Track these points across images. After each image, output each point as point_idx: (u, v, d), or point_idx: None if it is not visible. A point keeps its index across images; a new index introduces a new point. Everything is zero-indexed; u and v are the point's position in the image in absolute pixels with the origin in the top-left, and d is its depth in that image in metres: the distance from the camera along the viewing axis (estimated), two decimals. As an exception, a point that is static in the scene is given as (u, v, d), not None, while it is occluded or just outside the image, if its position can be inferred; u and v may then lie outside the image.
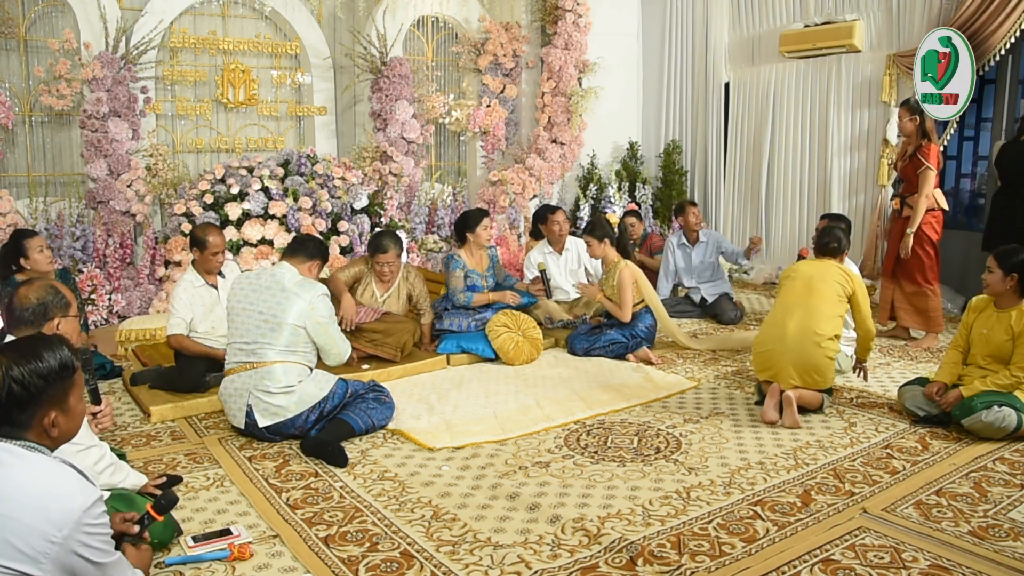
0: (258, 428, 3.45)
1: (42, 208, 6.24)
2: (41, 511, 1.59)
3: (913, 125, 5.20)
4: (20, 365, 1.72)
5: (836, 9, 7.03)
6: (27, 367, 1.72)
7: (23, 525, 1.58)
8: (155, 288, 6.14)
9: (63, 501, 1.62)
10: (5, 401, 1.71)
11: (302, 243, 3.75)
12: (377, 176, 7.27)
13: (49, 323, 2.57)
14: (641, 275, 5.01)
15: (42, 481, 1.64)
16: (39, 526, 1.58)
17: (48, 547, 1.58)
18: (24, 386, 1.71)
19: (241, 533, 2.61)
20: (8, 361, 1.72)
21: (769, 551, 2.51)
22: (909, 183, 5.29)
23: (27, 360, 1.74)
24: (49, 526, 1.59)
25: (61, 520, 1.60)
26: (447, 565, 2.44)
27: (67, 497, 1.63)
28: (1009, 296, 3.58)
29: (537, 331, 5.00)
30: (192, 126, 7.10)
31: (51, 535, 1.59)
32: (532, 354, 4.92)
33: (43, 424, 1.75)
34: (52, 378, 1.75)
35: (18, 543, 1.57)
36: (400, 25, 7.57)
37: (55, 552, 1.59)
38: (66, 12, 6.31)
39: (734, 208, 8.13)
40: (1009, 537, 2.59)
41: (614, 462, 3.28)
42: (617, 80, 8.30)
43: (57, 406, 1.78)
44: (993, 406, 3.42)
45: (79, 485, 1.68)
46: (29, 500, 1.60)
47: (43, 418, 1.75)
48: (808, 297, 3.83)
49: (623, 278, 4.88)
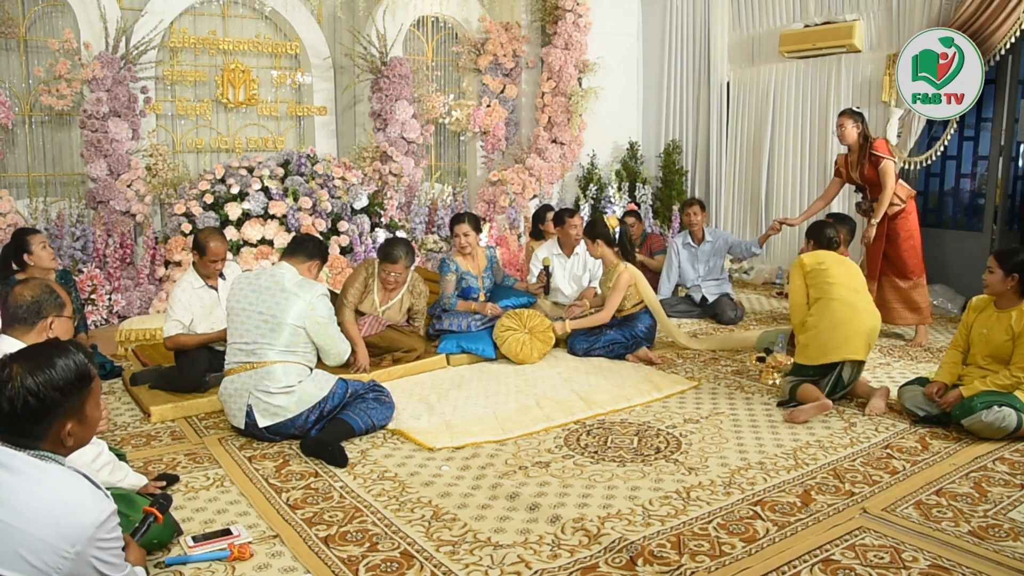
0: (258, 428, 3.45)
1: (42, 208, 6.24)
2: (54, 526, 1.55)
3: (857, 131, 5.24)
4: (35, 376, 1.65)
5: (836, 9, 7.03)
6: (42, 377, 1.65)
7: (36, 539, 1.54)
8: (155, 288, 6.14)
9: (77, 516, 1.58)
10: (20, 413, 1.64)
11: (301, 243, 3.74)
12: (377, 176, 7.27)
13: (43, 321, 2.57)
14: (640, 277, 5.00)
15: (56, 494, 1.58)
16: (52, 541, 1.54)
17: (61, 563, 1.55)
18: (40, 399, 1.64)
19: (241, 533, 2.61)
20: (23, 371, 1.65)
21: (769, 551, 2.51)
22: (874, 188, 5.28)
23: (41, 370, 1.66)
24: (62, 541, 1.55)
25: (75, 536, 1.56)
26: (447, 565, 2.44)
27: (81, 511, 1.59)
28: (1009, 296, 3.58)
29: (544, 322, 4.92)
30: (192, 126, 7.10)
31: (64, 551, 1.55)
32: (543, 349, 4.89)
33: (59, 435, 1.69)
34: (69, 390, 1.69)
35: (30, 557, 1.53)
36: (400, 25, 7.57)
37: (67, 567, 1.55)
38: (66, 12, 6.31)
39: (734, 208, 8.12)
40: (1009, 537, 2.59)
41: (614, 462, 3.28)
42: (617, 80, 8.29)
43: (74, 416, 1.71)
44: (993, 406, 3.42)
45: (93, 499, 1.63)
46: (42, 514, 1.55)
47: (60, 430, 1.69)
48: (853, 278, 4.06)
49: (620, 282, 4.88)
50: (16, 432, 1.66)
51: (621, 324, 4.98)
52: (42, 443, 1.68)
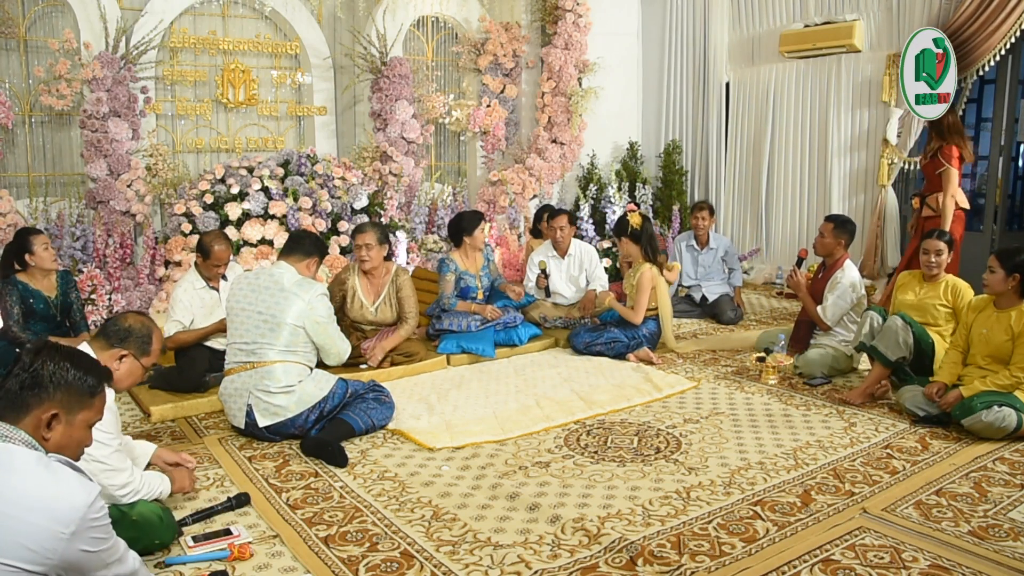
0: (258, 428, 3.45)
1: (42, 208, 6.24)
2: (47, 511, 1.63)
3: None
4: (55, 362, 1.79)
5: (836, 9, 7.03)
6: (61, 364, 1.80)
7: (31, 525, 1.61)
8: (155, 288, 6.13)
9: (67, 499, 1.66)
10: (27, 382, 1.76)
11: (298, 241, 3.72)
12: (377, 176, 7.27)
13: (119, 350, 2.60)
14: (662, 282, 4.95)
15: (44, 481, 1.67)
16: (47, 525, 1.62)
17: (57, 544, 1.63)
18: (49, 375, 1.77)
19: (241, 533, 2.61)
20: (52, 353, 1.80)
21: (769, 551, 2.51)
22: (929, 182, 5.38)
23: (67, 359, 1.81)
24: (57, 524, 1.63)
25: (68, 518, 1.64)
26: (447, 565, 2.44)
27: (70, 495, 1.67)
28: (1009, 296, 3.58)
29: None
30: (192, 126, 7.10)
31: (60, 533, 1.63)
32: None
33: (40, 418, 1.76)
34: (74, 383, 1.80)
35: (27, 542, 1.61)
36: (400, 25, 7.57)
37: (62, 548, 1.64)
38: (66, 12, 6.31)
39: (734, 208, 8.13)
40: (1009, 537, 2.59)
41: (614, 462, 3.28)
42: (617, 80, 8.29)
43: (64, 409, 1.80)
44: (993, 406, 3.42)
45: (79, 482, 1.71)
46: (35, 500, 1.63)
47: (44, 412, 1.77)
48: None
49: (643, 280, 4.86)
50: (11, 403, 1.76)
51: (625, 324, 4.97)
52: (25, 419, 1.75)
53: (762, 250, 7.89)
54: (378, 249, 4.56)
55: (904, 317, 4.02)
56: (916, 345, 3.98)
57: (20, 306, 4.22)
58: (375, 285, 4.68)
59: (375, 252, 4.54)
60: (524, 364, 4.86)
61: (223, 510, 2.80)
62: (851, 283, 4.54)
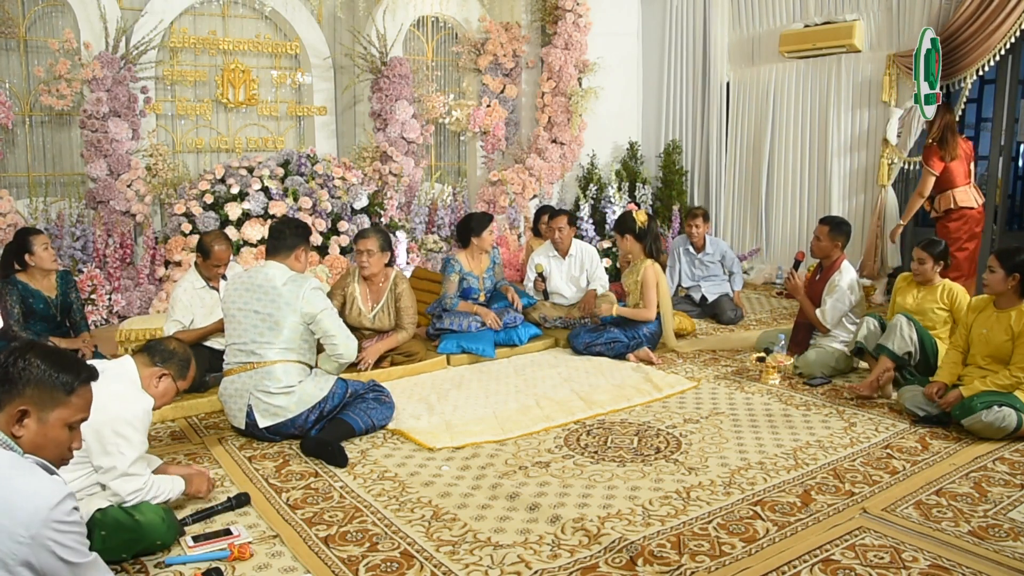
0: (258, 428, 3.45)
1: (42, 208, 6.24)
2: (8, 512, 1.54)
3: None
4: (38, 358, 1.75)
5: (836, 9, 7.03)
6: (33, 361, 1.75)
7: None
8: (155, 288, 6.13)
9: (30, 499, 1.57)
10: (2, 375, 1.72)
11: (279, 237, 3.60)
12: (377, 176, 7.27)
13: (161, 368, 2.72)
14: (663, 279, 4.96)
15: (8, 480, 1.58)
16: (6, 526, 1.53)
17: (16, 547, 1.53)
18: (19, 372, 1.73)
19: (241, 533, 2.61)
20: (28, 351, 1.76)
21: (769, 551, 2.51)
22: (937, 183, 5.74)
23: (42, 357, 1.76)
24: (16, 526, 1.54)
25: (28, 519, 1.55)
26: (447, 565, 2.44)
27: (33, 495, 1.58)
28: (1009, 296, 3.58)
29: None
30: (192, 126, 7.10)
31: (18, 535, 1.53)
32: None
33: (11, 413, 1.71)
34: (45, 380, 1.75)
35: None
36: (400, 25, 7.57)
37: (23, 553, 1.53)
38: (66, 12, 6.31)
39: (734, 208, 8.13)
40: (1009, 537, 2.59)
41: (614, 462, 3.28)
42: (617, 80, 8.29)
43: (36, 405, 1.73)
44: (993, 406, 3.42)
45: (47, 482, 1.62)
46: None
47: (15, 407, 1.71)
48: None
49: (647, 277, 4.86)
50: None
51: (626, 324, 4.97)
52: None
53: (762, 250, 7.89)
54: (379, 256, 4.53)
55: (908, 316, 4.11)
56: (920, 344, 4.04)
57: (20, 306, 4.22)
58: (374, 291, 4.65)
59: (376, 259, 4.52)
60: (524, 364, 4.86)
61: (223, 510, 2.80)
62: (849, 285, 4.54)
